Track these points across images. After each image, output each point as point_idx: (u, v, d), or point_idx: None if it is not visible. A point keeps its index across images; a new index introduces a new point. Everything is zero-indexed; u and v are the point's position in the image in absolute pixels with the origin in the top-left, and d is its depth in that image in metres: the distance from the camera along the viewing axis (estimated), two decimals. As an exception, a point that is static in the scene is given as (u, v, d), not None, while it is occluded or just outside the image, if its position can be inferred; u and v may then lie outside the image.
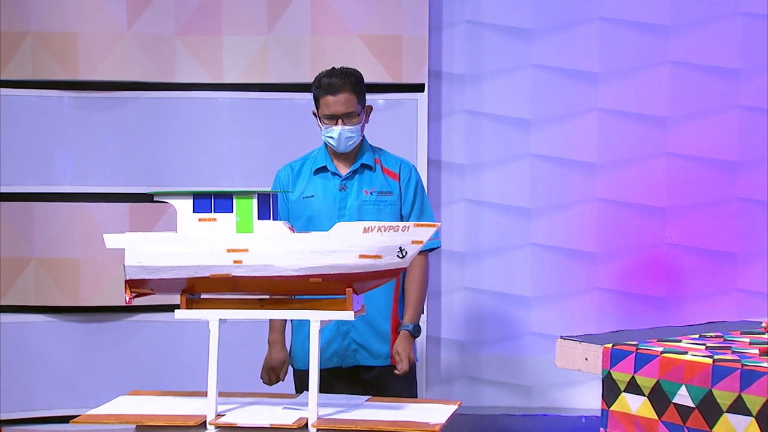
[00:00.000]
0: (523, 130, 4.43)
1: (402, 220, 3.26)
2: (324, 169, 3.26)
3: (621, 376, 2.26)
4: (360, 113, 3.19)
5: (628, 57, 4.37)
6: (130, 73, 4.28)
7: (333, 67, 3.22)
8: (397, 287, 3.28)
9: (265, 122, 4.36)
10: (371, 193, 3.23)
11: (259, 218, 2.50)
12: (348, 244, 2.46)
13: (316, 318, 2.52)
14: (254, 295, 2.56)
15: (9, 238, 4.28)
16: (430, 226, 2.49)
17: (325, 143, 3.26)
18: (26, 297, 4.30)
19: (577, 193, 4.40)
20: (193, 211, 2.51)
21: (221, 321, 2.54)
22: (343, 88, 3.15)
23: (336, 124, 3.16)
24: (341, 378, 3.25)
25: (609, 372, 2.28)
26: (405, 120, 4.34)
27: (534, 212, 4.44)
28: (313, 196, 3.23)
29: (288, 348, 3.32)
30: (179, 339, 4.31)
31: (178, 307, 2.56)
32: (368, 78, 4.03)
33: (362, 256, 2.46)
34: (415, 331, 3.25)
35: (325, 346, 3.21)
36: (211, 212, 2.50)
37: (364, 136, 3.27)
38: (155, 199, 2.56)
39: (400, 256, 2.48)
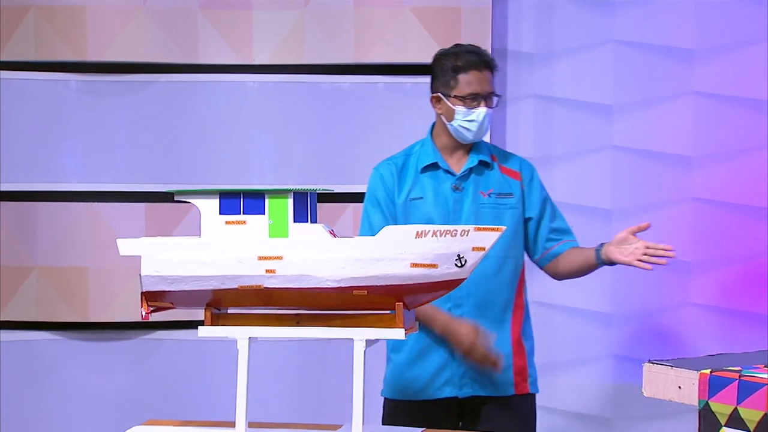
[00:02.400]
0: (604, 118, 4.41)
1: (527, 226, 3.27)
2: (434, 166, 3.23)
3: (721, 408, 2.24)
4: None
5: (730, 31, 4.31)
6: (147, 53, 4.32)
7: (458, 44, 3.26)
8: (519, 300, 3.26)
9: (302, 109, 4.38)
10: (489, 195, 3.22)
11: (295, 221, 2.51)
12: (398, 251, 2.47)
13: (360, 337, 2.52)
14: (289, 309, 2.58)
15: (8, 244, 4.34)
16: (493, 230, 2.48)
17: (432, 135, 3.23)
18: (27, 311, 4.36)
19: (668, 192, 4.37)
20: (220, 213, 2.53)
21: (251, 339, 2.56)
22: (487, 66, 3.18)
23: (479, 106, 3.16)
24: (450, 409, 3.21)
25: (707, 403, 2.26)
26: (464, 106, 4.33)
27: (616, 214, 4.41)
28: (422, 197, 3.20)
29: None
30: (203, 360, 4.35)
31: (201, 323, 2.58)
32: (421, 57, 4.03)
33: (414, 265, 2.47)
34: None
35: (436, 372, 3.19)
36: (240, 214, 2.52)
37: None
38: (176, 198, 2.58)
39: (459, 264, 2.48)
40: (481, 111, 3.15)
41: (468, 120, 3.15)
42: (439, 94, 3.20)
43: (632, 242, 3.14)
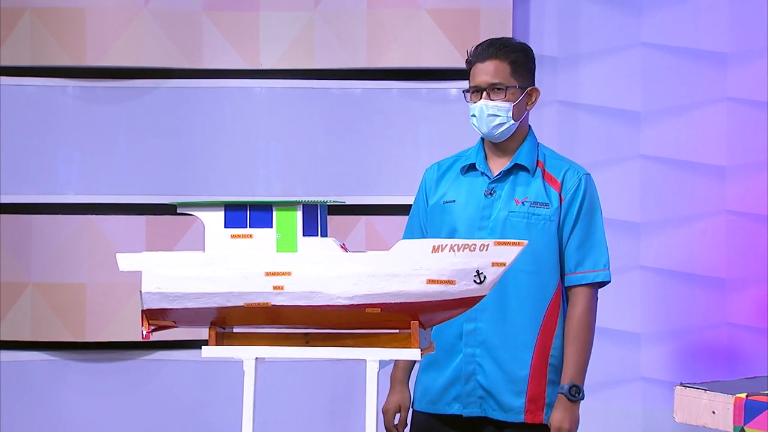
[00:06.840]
0: (632, 126, 4.40)
1: (560, 242, 3.13)
2: (473, 167, 3.16)
3: (758, 434, 2.23)
4: (514, 89, 3.09)
5: (765, 33, 4.31)
6: (148, 57, 4.34)
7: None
8: (549, 323, 3.12)
9: (312, 116, 4.39)
10: (523, 203, 3.11)
11: (304, 234, 2.51)
12: (413, 267, 2.47)
13: (373, 357, 2.52)
14: (298, 328, 2.58)
15: (1, 259, 4.35)
16: (515, 244, 2.48)
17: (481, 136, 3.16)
18: (21, 331, 4.36)
19: (701, 205, 4.36)
20: (225, 226, 2.53)
21: (258, 360, 2.55)
22: (494, 56, 3.08)
23: (480, 99, 3.08)
24: (455, 428, 3.19)
25: (743, 429, 2.25)
26: (483, 113, 4.34)
27: (645, 227, 4.40)
28: (454, 200, 3.14)
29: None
30: (207, 382, 4.35)
31: (205, 342, 2.58)
32: (437, 61, 4.05)
33: (431, 281, 2.47)
34: (573, 394, 3.08)
35: (445, 387, 3.14)
36: (246, 227, 2.52)
37: (531, 130, 3.19)
38: (178, 211, 2.58)
39: (478, 281, 2.48)
40: (478, 105, 3.08)
41: (471, 115, 3.12)
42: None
43: None
